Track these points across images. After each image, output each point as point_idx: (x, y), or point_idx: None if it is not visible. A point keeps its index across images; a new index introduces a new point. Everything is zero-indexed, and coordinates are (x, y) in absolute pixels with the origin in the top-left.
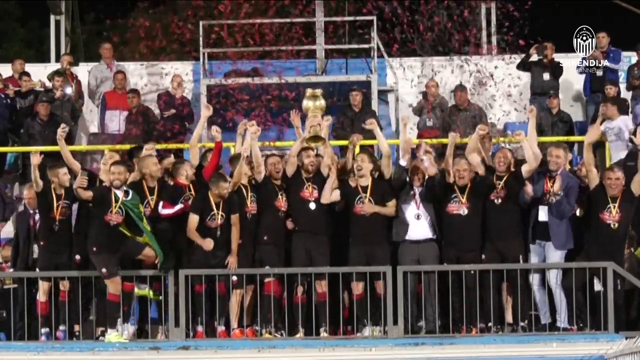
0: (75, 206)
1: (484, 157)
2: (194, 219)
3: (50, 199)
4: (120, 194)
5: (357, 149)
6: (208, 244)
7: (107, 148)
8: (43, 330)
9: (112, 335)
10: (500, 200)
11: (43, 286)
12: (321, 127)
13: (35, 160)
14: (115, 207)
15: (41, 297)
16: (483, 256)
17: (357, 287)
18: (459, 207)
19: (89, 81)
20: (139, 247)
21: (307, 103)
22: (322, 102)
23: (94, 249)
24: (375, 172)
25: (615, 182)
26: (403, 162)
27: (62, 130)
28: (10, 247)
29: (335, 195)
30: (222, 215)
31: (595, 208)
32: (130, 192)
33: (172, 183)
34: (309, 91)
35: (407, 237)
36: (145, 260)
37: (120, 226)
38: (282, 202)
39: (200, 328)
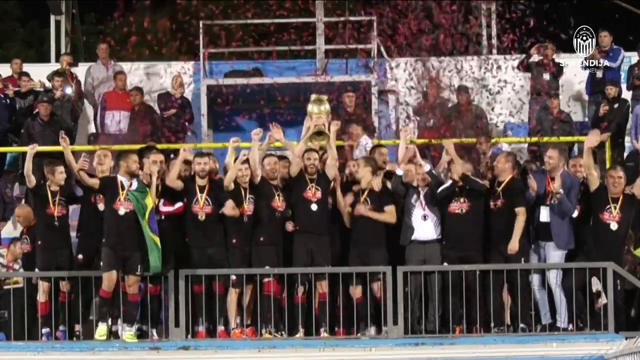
0: (73, 207)
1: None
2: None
3: (46, 195)
4: (126, 182)
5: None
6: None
7: (107, 148)
8: (43, 331)
9: (99, 330)
10: (497, 206)
11: (43, 286)
12: (325, 127)
13: (31, 151)
14: (123, 194)
15: (41, 297)
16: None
17: (356, 292)
18: (459, 206)
19: (85, 81)
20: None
21: (312, 107)
22: (327, 107)
23: (104, 240)
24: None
25: (618, 181)
26: (400, 172)
27: (62, 137)
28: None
29: (349, 197)
30: (206, 200)
31: (596, 208)
32: (136, 182)
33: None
34: (313, 96)
35: (413, 238)
36: None
37: (130, 217)
38: (278, 203)
39: (200, 328)
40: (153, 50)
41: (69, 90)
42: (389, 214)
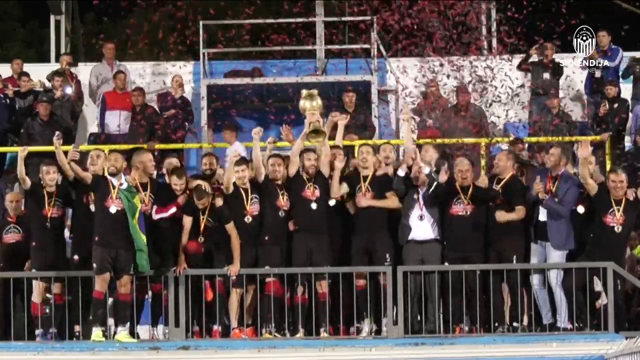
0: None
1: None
2: (187, 221)
3: (41, 196)
4: (116, 182)
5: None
6: (181, 268)
7: (107, 148)
8: (37, 332)
9: (94, 334)
10: (496, 204)
11: (39, 287)
12: (322, 124)
13: (22, 153)
14: (114, 192)
15: (35, 298)
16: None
17: (359, 280)
18: (463, 208)
19: (90, 81)
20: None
21: (303, 103)
22: (319, 102)
23: (96, 238)
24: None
25: (620, 185)
26: (401, 172)
27: (57, 139)
28: None
29: (345, 188)
30: (208, 221)
31: (599, 211)
32: (126, 182)
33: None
34: (304, 92)
35: (410, 238)
36: None
37: (120, 215)
38: (282, 202)
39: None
40: (154, 51)
41: (68, 90)
42: (390, 199)
